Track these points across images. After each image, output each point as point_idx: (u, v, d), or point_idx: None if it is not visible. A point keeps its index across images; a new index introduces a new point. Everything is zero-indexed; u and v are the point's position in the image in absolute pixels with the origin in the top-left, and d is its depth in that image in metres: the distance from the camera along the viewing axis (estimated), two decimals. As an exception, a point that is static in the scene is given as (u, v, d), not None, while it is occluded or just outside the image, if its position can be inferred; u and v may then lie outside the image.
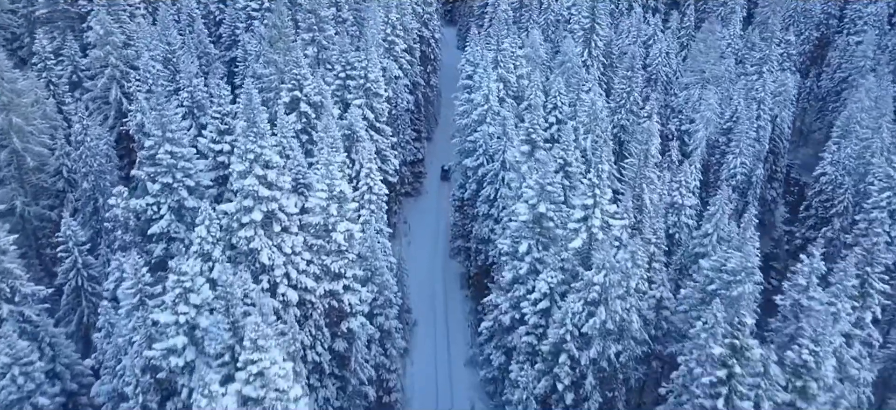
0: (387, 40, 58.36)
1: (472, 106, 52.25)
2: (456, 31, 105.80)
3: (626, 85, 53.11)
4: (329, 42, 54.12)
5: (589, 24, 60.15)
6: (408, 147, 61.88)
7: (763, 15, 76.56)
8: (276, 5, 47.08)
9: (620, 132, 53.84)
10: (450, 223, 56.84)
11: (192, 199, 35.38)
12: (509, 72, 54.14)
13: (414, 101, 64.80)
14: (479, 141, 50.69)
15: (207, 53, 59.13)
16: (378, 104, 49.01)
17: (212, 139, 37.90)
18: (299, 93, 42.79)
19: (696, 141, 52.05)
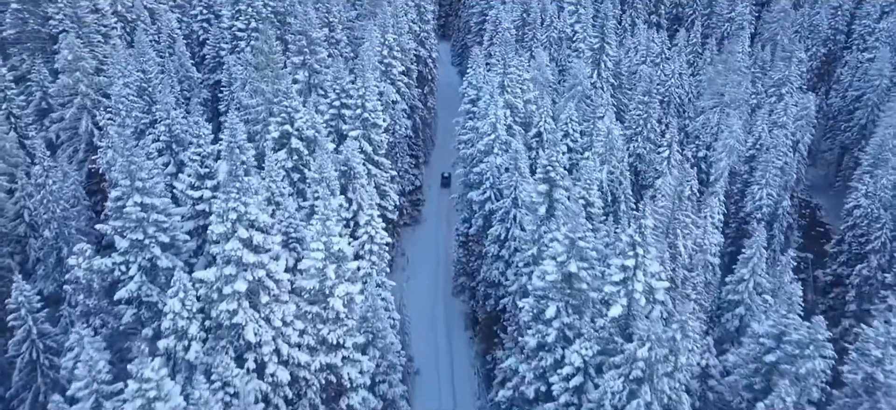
0: (383, 63, 53.09)
1: (478, 135, 47.12)
2: (450, 47, 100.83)
3: (642, 110, 48.22)
4: (321, 65, 48.73)
5: (598, 44, 55.28)
6: (406, 176, 56.61)
7: (771, 31, 72.28)
8: (263, 28, 41.64)
9: (636, 161, 48.94)
10: (453, 258, 51.61)
11: (167, 257, 29.85)
12: (516, 97, 49.05)
13: (412, 126, 59.61)
14: (485, 173, 45.54)
15: (189, 77, 53.53)
16: (377, 135, 43.71)
17: (190, 184, 32.39)
18: (290, 128, 37.40)
19: (719, 170, 47.26)
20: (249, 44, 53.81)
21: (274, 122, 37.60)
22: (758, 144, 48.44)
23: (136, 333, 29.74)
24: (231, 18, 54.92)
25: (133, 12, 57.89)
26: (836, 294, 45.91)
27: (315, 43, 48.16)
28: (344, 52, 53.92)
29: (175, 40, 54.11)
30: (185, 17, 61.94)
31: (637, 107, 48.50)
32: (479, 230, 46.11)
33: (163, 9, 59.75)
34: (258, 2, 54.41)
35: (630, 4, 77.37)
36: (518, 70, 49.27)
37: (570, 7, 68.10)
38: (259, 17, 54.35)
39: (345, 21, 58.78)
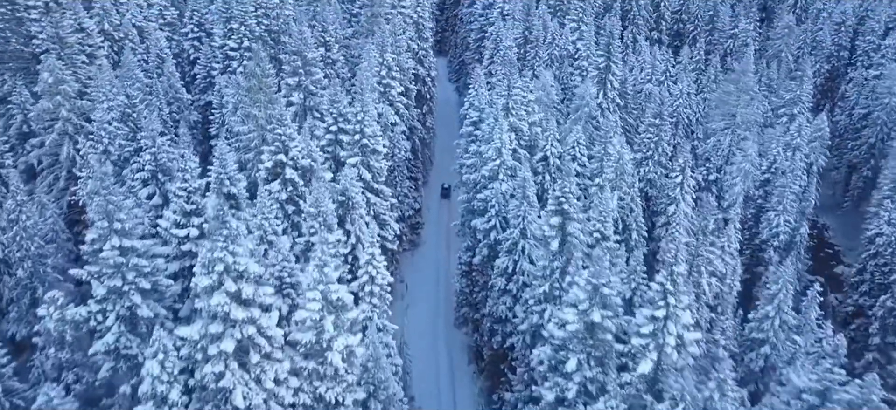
0: (382, 83, 50.22)
1: (482, 160, 44.25)
2: (447, 62, 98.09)
3: (653, 133, 45.52)
4: (318, 86, 45.83)
5: (604, 63, 52.64)
6: (405, 201, 53.64)
7: (776, 48, 70.02)
8: (255, 49, 38.70)
9: (647, 187, 46.21)
10: (455, 288, 48.61)
11: (148, 306, 26.74)
12: (521, 119, 46.27)
13: (411, 147, 56.69)
14: (490, 199, 42.66)
15: (179, 98, 50.53)
16: (376, 162, 40.77)
17: (175, 222, 29.31)
18: (284, 157, 34.39)
19: (733, 195, 44.58)
20: (242, 64, 50.93)
21: (267, 151, 34.58)
22: (773, 168, 45.83)
23: (113, 389, 26.60)
24: (223, 37, 52.04)
25: (121, 31, 54.87)
26: (857, 325, 43.22)
27: (310, 64, 45.29)
28: (341, 73, 51.05)
29: (164, 60, 51.11)
30: (175, 35, 58.97)
31: (647, 130, 45.81)
32: (484, 260, 43.17)
33: (152, 27, 56.79)
34: (251, 20, 51.57)
35: (631, 21, 74.87)
36: (522, 91, 46.49)
37: (572, 24, 65.56)
38: (252, 36, 51.49)
39: (341, 39, 55.97)
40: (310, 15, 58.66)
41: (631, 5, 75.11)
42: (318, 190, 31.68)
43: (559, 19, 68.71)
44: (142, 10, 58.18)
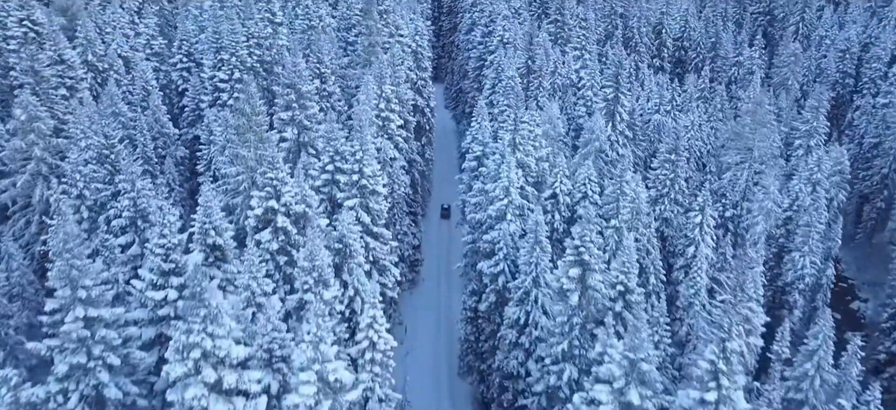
0: (380, 117, 46.79)
1: (488, 198, 40.75)
2: (443, 89, 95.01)
3: (668, 169, 42.22)
4: (313, 121, 42.32)
5: (612, 94, 49.48)
6: (405, 239, 49.98)
7: (782, 76, 67.34)
8: (245, 83, 35.18)
9: (663, 226, 42.82)
10: (459, 335, 44.76)
11: (117, 384, 22.86)
12: (528, 155, 42.90)
13: (410, 181, 53.14)
14: (498, 241, 39.10)
15: (165, 133, 46.87)
16: (376, 204, 37.15)
17: (151, 283, 25.49)
18: (275, 203, 30.71)
19: (755, 235, 41.25)
20: (232, 96, 47.40)
21: (256, 197, 30.89)
22: (795, 205, 42.60)
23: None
24: (212, 68, 48.51)
25: (105, 61, 51.26)
26: (891, 374, 39.75)
27: (305, 97, 41.80)
28: (337, 106, 47.60)
29: (149, 93, 47.48)
30: (163, 66, 55.40)
31: (662, 166, 42.50)
32: (491, 307, 39.49)
33: (139, 58, 53.20)
34: (242, 51, 48.14)
35: (633, 48, 72.18)
36: (529, 125, 43.17)
37: (575, 52, 62.71)
38: (243, 67, 48.03)
39: (337, 69, 52.60)
40: (304, 44, 55.44)
41: (633, 32, 72.45)
42: (313, 241, 27.98)
43: (560, 47, 65.88)
44: (128, 39, 54.70)
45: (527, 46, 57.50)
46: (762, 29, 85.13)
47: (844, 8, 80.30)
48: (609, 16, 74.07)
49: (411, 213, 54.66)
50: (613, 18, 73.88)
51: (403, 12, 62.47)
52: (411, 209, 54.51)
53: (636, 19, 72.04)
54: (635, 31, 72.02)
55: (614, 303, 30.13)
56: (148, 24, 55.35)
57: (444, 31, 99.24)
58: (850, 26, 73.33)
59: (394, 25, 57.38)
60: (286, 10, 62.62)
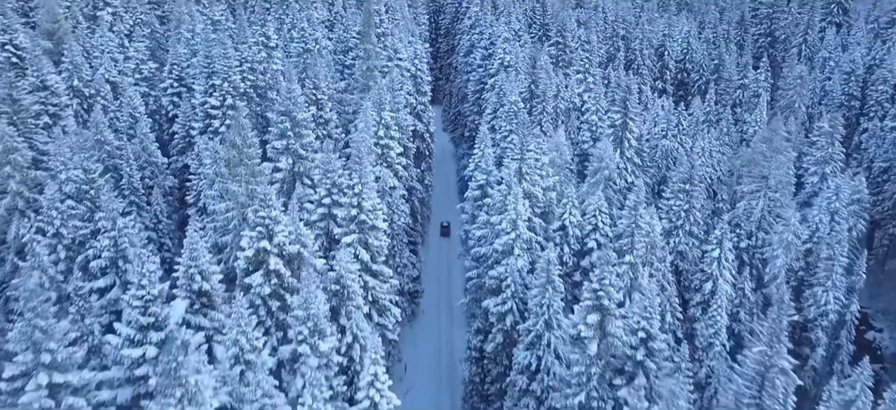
0: (380, 144, 44.31)
1: (494, 231, 38.16)
2: (441, 111, 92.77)
3: (683, 200, 39.79)
4: (308, 149, 39.78)
5: (621, 120, 47.18)
6: (405, 271, 47.27)
7: (788, 98, 65.29)
8: (237, 113, 32.59)
9: (677, 259, 40.30)
10: (463, 375, 41.88)
11: (85, 459, 19.98)
12: (535, 184, 40.42)
13: (410, 210, 50.54)
14: (505, 278, 36.47)
15: (153, 162, 44.20)
16: (376, 240, 34.50)
17: (128, 338, 22.66)
18: (267, 244, 28.02)
19: (775, 269, 38.76)
20: (224, 123, 44.87)
21: (247, 237, 28.18)
22: (815, 237, 40.18)
23: None
24: (203, 94, 45.97)
25: (92, 87, 48.63)
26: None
27: (300, 125, 39.30)
28: (334, 133, 45.06)
29: (137, 120, 44.86)
30: (153, 90, 52.84)
31: (676, 196, 40.07)
32: (499, 348, 36.76)
33: (128, 82, 50.60)
34: (235, 76, 45.63)
35: (636, 71, 70.18)
36: (536, 153, 40.72)
37: (578, 76, 60.59)
38: (236, 93, 45.51)
39: (334, 94, 50.16)
40: (300, 68, 53.06)
41: (635, 55, 70.50)
42: (308, 287, 25.27)
43: (562, 70, 63.81)
44: (117, 63, 52.13)
45: (530, 70, 55.23)
46: (764, 50, 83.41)
47: (847, 30, 78.64)
48: (611, 38, 72.16)
49: (411, 243, 52.03)
50: (615, 40, 71.97)
51: (401, 35, 60.29)
52: (411, 239, 51.87)
53: (639, 41, 70.11)
54: (638, 54, 70.07)
55: (636, 351, 27.47)
56: (137, 47, 52.82)
57: (441, 53, 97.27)
58: (854, 48, 71.54)
59: (392, 49, 55.13)
60: (281, 33, 60.39)
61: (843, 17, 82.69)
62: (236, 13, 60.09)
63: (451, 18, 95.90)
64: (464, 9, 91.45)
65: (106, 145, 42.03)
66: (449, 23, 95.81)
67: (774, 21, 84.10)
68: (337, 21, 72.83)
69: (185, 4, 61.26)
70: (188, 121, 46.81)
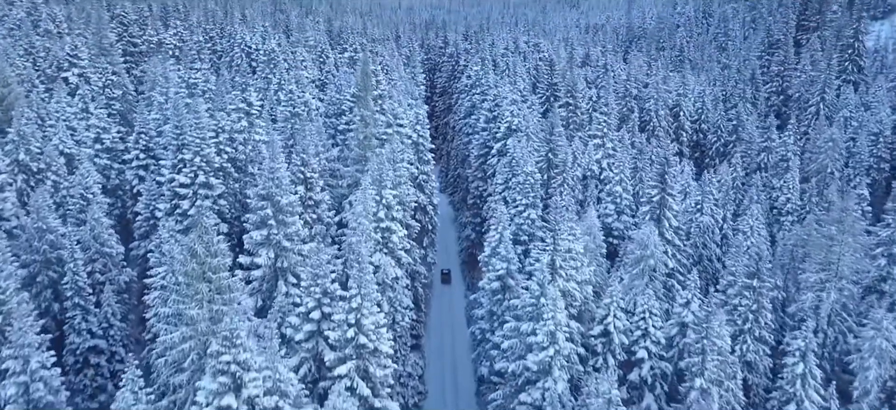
0: (380, 228, 36.28)
1: (524, 342, 29.90)
2: (438, 171, 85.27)
3: (750, 298, 31.96)
4: (294, 240, 31.65)
5: (658, 195, 39.66)
6: (410, 382, 38.63)
7: (820, 163, 58.47)
8: (198, 214, 24.45)
9: (745, 371, 32.15)
10: None
11: None
12: (570, 278, 32.44)
13: (413, 297, 42.30)
14: (541, 405, 28.10)
15: (107, 253, 35.61)
16: (379, 368, 26.04)
17: None
18: (234, 400, 19.47)
19: (866, 383, 30.74)
20: (195, 204, 36.64)
21: (205, 391, 19.64)
22: (906, 340, 32.35)
23: None
24: (172, 169, 37.83)
25: (42, 160, 40.38)
26: None
27: (285, 211, 31.23)
28: (325, 217, 36.96)
29: (89, 202, 36.52)
30: (115, 162, 44.64)
31: (742, 294, 32.22)
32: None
33: (86, 154, 42.43)
34: (209, 148, 37.66)
35: (651, 132, 63.47)
36: (569, 240, 32.86)
37: (596, 141, 53.43)
38: (210, 168, 37.42)
39: (325, 165, 42.28)
40: (287, 134, 45.34)
41: (650, 116, 63.88)
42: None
43: (572, 133, 56.83)
44: (75, 133, 44.03)
45: (545, 136, 47.91)
46: (776, 109, 77.52)
47: (865, 88, 73.04)
48: (623, 98, 65.65)
49: (415, 336, 43.54)
50: (628, 100, 65.43)
51: (400, 98, 53.05)
52: (415, 331, 43.40)
53: (653, 101, 63.54)
54: (653, 115, 63.44)
55: None
56: (99, 115, 44.81)
57: (437, 112, 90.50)
58: (879, 108, 65.57)
59: (391, 114, 47.69)
60: (267, 95, 52.87)
61: (859, 75, 77.33)
62: (219, 74, 52.69)
63: (447, 77, 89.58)
64: (461, 67, 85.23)
65: (48, 234, 33.63)
66: (445, 81, 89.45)
67: (786, 79, 78.47)
68: (329, 81, 65.83)
69: (162, 63, 53.72)
70: (153, 199, 38.55)
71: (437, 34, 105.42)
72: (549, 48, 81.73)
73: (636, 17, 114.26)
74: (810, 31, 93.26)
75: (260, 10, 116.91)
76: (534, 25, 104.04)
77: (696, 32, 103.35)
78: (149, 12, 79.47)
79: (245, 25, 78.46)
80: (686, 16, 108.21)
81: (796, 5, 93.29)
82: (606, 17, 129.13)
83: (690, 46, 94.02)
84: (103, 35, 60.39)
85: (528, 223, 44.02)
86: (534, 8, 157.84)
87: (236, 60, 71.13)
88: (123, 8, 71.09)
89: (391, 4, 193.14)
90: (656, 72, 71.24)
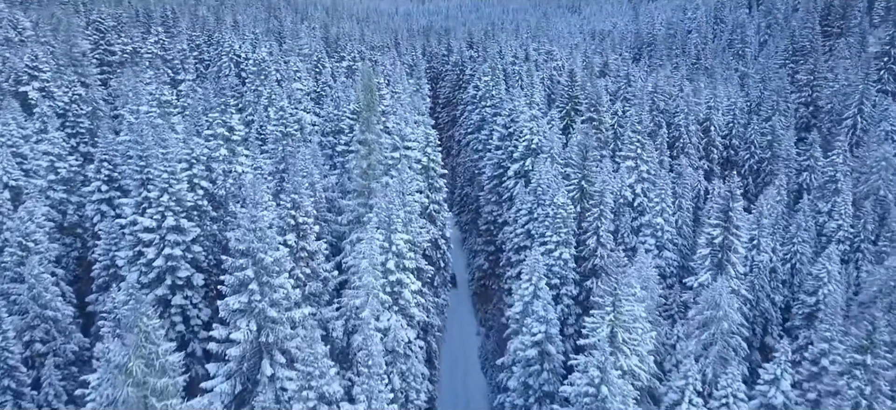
0: (389, 281, 28.76)
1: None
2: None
3: (861, 378, 24.61)
4: (282, 305, 24.14)
5: (721, 236, 32.30)
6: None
7: (871, 185, 51.34)
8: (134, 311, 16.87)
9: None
10: None
11: None
12: (633, 351, 25.07)
13: (426, 353, 34.84)
14: None
15: (51, 318, 27.96)
16: None
17: None
18: None
19: None
20: (162, 252, 29.02)
21: None
22: None
23: None
24: (136, 210, 30.15)
25: (-19, 196, 32.51)
26: None
27: (271, 271, 23.69)
28: (322, 270, 29.35)
29: (28, 250, 28.81)
30: (74, 195, 36.89)
31: (849, 371, 24.90)
32: None
33: (36, 187, 34.66)
34: (180, 183, 30.00)
35: (680, 149, 56.26)
36: (629, 302, 25.48)
37: (629, 163, 46.07)
38: (181, 208, 29.79)
39: (322, 197, 34.72)
40: (277, 159, 37.64)
41: (680, 131, 56.64)
42: None
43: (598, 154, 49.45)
44: (24, 161, 36.26)
45: (578, 161, 40.50)
46: (805, 122, 70.49)
47: (904, 98, 66.28)
48: (650, 112, 58.35)
49: (429, 400, 36.00)
50: (655, 115, 58.14)
51: (407, 114, 45.58)
52: (429, 394, 35.86)
53: (683, 115, 56.29)
54: (683, 130, 56.19)
55: None
56: (54, 139, 37.02)
57: (441, 124, 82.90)
58: (925, 121, 58.79)
59: (398, 134, 40.18)
60: (256, 114, 45.25)
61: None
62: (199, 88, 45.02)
63: (452, 86, 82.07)
64: (467, 77, 77.77)
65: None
66: (450, 91, 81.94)
67: (816, 89, 71.44)
68: (325, 93, 58.31)
69: (136, 75, 46.02)
70: (111, 247, 30.86)
71: (440, 41, 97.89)
72: (562, 56, 74.45)
73: (645, 23, 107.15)
74: (834, 37, 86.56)
75: (253, 16, 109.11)
76: (537, 31, 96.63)
77: (710, 39, 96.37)
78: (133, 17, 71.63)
79: (234, 32, 70.68)
80: (697, 21, 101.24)
81: (818, 10, 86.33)
82: (613, 23, 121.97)
83: (706, 53, 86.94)
84: (74, 43, 52.60)
85: (560, 264, 36.62)
86: (534, 13, 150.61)
87: (224, 70, 63.52)
88: (100, 13, 63.24)
89: (388, 10, 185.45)
90: (678, 81, 64.02)
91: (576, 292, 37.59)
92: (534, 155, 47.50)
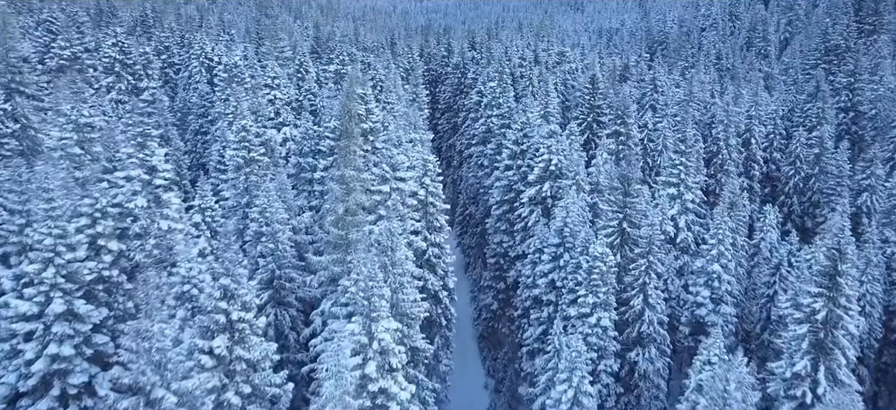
0: (369, 392, 19.12)
1: None
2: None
3: None
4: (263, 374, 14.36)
5: (824, 310, 22.66)
6: None
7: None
8: None
9: None
10: None
11: None
12: None
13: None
14: None
15: None
16: None
17: None
18: None
19: None
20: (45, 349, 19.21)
21: None
22: None
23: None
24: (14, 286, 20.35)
25: None
26: None
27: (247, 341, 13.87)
28: (268, 386, 19.53)
29: None
30: None
31: None
32: None
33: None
34: (74, 251, 20.19)
35: (719, 167, 46.57)
36: None
37: (671, 190, 36.32)
38: (75, 286, 20.06)
39: (285, 258, 24.92)
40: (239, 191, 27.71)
41: (718, 145, 46.89)
42: None
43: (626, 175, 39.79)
44: None
45: (620, 193, 30.69)
46: (845, 130, 60.70)
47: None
48: (682, 122, 48.46)
49: None
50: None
51: (400, 132, 35.79)
52: None
53: (723, 127, 46.52)
54: (722, 145, 46.44)
55: None
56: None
57: (441, 132, 73.02)
58: None
59: (388, 162, 30.37)
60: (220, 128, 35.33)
61: (948, 87, 60.54)
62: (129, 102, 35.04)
63: (452, 91, 72.13)
64: (469, 81, 67.84)
65: None
66: (450, 96, 71.99)
67: (857, 93, 61.60)
68: (310, 103, 48.47)
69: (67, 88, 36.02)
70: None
71: (440, 41, 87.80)
72: (576, 57, 64.51)
73: (656, 21, 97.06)
74: (866, 35, 76.67)
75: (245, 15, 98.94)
76: (541, 30, 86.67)
77: (727, 37, 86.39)
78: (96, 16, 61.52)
79: (206, 33, 60.64)
80: (713, 18, 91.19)
81: (849, 6, 76.33)
82: (620, 20, 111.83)
83: (726, 53, 77.01)
84: (10, 47, 42.56)
85: (599, 333, 27.08)
86: (536, 11, 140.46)
87: (195, 77, 53.62)
88: (52, 12, 53.30)
89: (386, 9, 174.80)
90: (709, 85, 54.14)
91: (617, 367, 28.12)
92: (552, 178, 37.77)
